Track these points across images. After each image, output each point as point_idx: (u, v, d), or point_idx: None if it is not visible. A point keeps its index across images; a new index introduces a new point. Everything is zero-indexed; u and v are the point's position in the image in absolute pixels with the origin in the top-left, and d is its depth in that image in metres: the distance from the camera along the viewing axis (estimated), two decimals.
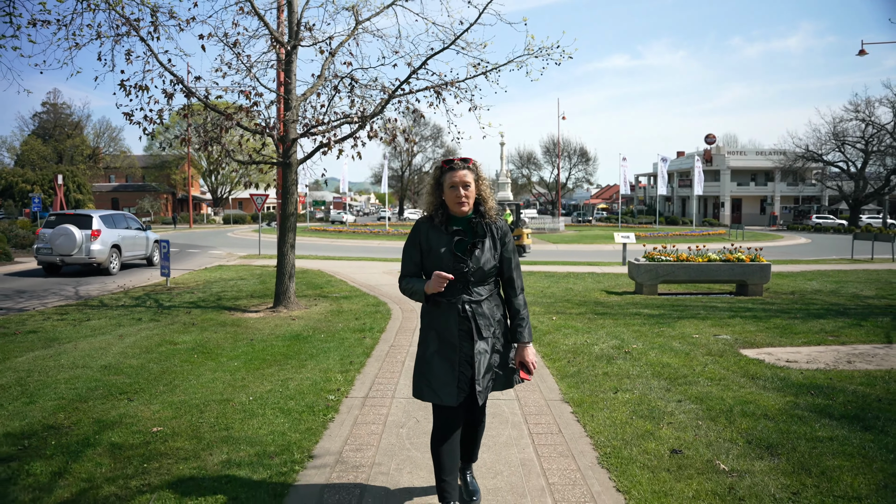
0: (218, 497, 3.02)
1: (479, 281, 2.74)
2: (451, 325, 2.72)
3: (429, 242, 2.76)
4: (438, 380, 2.71)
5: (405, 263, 2.85)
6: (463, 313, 2.71)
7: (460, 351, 2.71)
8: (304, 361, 5.82)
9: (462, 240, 2.73)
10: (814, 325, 7.98)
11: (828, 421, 4.20)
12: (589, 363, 5.86)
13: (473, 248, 2.72)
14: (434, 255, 2.72)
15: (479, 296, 2.74)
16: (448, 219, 2.78)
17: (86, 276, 14.33)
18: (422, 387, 2.76)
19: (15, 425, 4.01)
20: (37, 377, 5.19)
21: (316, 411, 4.35)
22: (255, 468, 3.37)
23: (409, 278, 2.83)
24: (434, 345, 2.76)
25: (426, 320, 2.83)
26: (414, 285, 2.78)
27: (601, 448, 3.75)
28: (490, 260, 2.74)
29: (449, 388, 2.69)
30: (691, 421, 4.22)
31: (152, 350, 6.27)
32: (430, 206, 2.82)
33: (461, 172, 2.72)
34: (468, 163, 2.77)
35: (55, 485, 3.14)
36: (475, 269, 2.70)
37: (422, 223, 2.84)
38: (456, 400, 2.68)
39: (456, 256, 2.69)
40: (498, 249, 2.79)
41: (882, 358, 6.25)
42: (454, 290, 2.70)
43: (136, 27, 8.47)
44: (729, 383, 5.17)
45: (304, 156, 9.46)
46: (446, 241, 2.73)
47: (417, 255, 2.80)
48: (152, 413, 4.26)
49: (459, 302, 2.71)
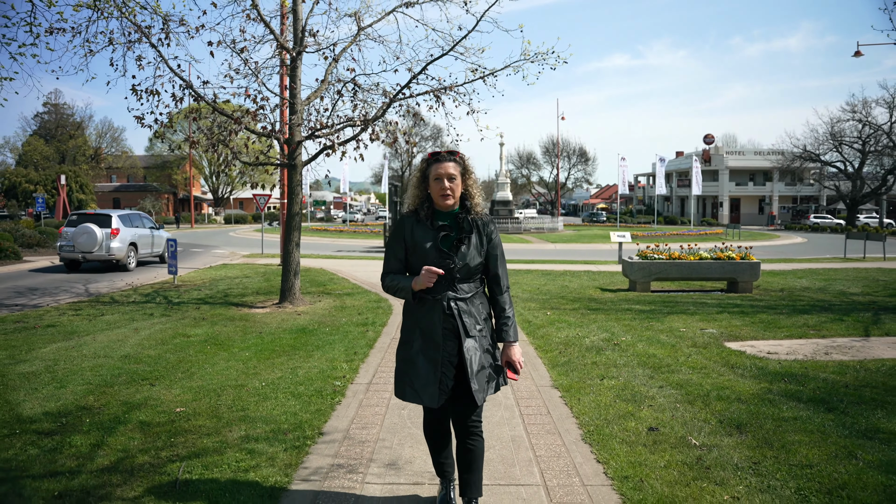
0: (241, 464, 3.39)
1: (464, 278, 2.67)
2: (435, 323, 2.65)
3: (413, 238, 2.68)
4: (421, 380, 2.65)
5: (388, 260, 2.78)
6: (448, 311, 2.64)
7: (443, 350, 2.64)
8: (311, 352, 6.19)
9: (448, 235, 2.66)
10: (798, 319, 8.34)
11: (795, 404, 4.57)
12: (579, 354, 6.22)
13: (459, 243, 2.65)
14: (419, 251, 2.65)
15: (464, 293, 2.68)
16: (433, 213, 2.71)
17: (101, 272, 14.73)
18: (404, 387, 2.71)
19: (51, 406, 4.39)
20: (63, 365, 5.56)
21: (324, 395, 4.72)
22: (272, 442, 3.74)
23: (392, 275, 2.75)
24: (418, 343, 2.69)
25: (410, 319, 2.77)
26: (399, 282, 2.70)
27: (585, 427, 4.12)
28: (476, 256, 2.68)
29: (431, 388, 2.63)
30: (670, 404, 4.58)
31: (167, 342, 6.64)
32: (415, 199, 2.76)
33: (446, 164, 2.65)
34: (455, 156, 2.70)
35: (95, 454, 3.51)
36: (461, 265, 2.64)
37: (406, 218, 2.76)
38: (437, 402, 2.63)
39: (441, 252, 2.63)
40: (484, 246, 2.72)
41: (858, 350, 6.61)
42: (439, 287, 2.64)
43: (146, 34, 8.83)
44: (709, 372, 5.53)
45: (308, 157, 9.82)
46: (432, 236, 2.65)
47: (402, 250, 2.73)
48: (174, 396, 4.63)
49: (444, 299, 2.65)
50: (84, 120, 56.73)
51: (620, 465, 3.47)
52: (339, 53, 9.91)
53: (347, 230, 37.37)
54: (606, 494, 3.13)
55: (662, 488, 3.15)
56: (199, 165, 59.48)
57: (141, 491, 3.07)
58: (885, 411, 4.37)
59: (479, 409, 2.74)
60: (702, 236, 33.96)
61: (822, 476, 3.29)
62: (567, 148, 69.47)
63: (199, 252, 22.33)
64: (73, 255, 14.77)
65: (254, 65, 9.19)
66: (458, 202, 2.73)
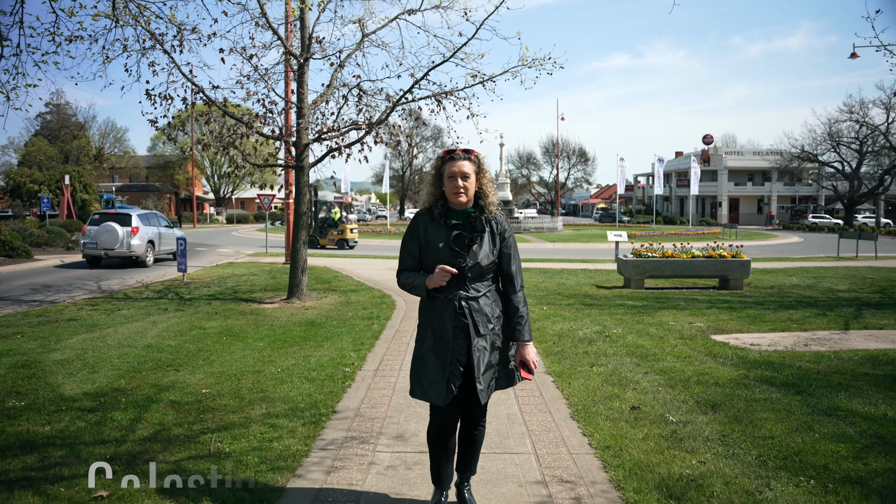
0: (265, 435, 3.82)
1: (476, 277, 2.68)
2: (446, 321, 2.66)
3: (427, 235, 2.71)
4: (429, 377, 2.67)
5: (403, 257, 2.80)
6: (459, 310, 2.66)
7: (452, 349, 2.65)
8: (321, 343, 6.61)
9: (460, 234, 2.68)
10: (783, 314, 8.75)
11: (768, 388, 4.98)
12: (572, 344, 6.64)
13: (472, 242, 2.67)
14: (432, 249, 2.68)
15: (476, 292, 2.69)
16: (447, 212, 2.73)
17: (120, 268, 15.17)
18: (415, 384, 2.75)
19: (88, 387, 4.81)
20: (91, 354, 5.98)
21: (335, 379, 5.14)
22: (291, 418, 4.16)
23: (408, 272, 2.76)
24: (430, 341, 2.71)
25: (424, 316, 2.79)
26: (414, 279, 2.71)
27: (574, 406, 4.53)
28: (488, 255, 2.69)
29: (438, 386, 2.64)
30: (653, 387, 5.00)
31: (185, 333, 7.06)
32: (429, 196, 2.78)
33: (461, 163, 2.67)
34: (470, 154, 2.72)
35: (135, 427, 3.93)
36: (472, 264, 2.65)
37: (421, 215, 2.79)
38: (444, 400, 2.63)
39: (453, 251, 2.64)
40: (497, 245, 2.73)
41: (835, 342, 7.01)
42: (451, 286, 2.65)
43: (160, 41, 9.25)
44: (692, 360, 5.95)
45: (315, 159, 10.24)
46: (445, 234, 2.68)
47: (416, 248, 2.74)
48: (198, 380, 5.06)
49: (456, 298, 2.66)
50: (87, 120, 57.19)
51: (603, 437, 3.88)
52: (345, 59, 10.32)
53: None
54: (589, 461, 3.55)
55: (639, 455, 3.57)
56: (201, 166, 59.94)
57: (180, 457, 3.49)
58: (848, 393, 4.78)
59: (483, 407, 2.79)
60: (699, 236, 34.36)
61: (781, 445, 3.70)
62: (567, 148, 69.99)
63: (204, 251, 22.76)
64: (96, 251, 15.84)
65: (263, 71, 9.60)
66: (472, 201, 2.74)
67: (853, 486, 3.18)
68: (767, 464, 3.45)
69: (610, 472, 3.37)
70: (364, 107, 10.02)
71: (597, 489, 3.18)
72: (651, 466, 3.41)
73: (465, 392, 2.72)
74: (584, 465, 3.47)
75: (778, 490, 3.13)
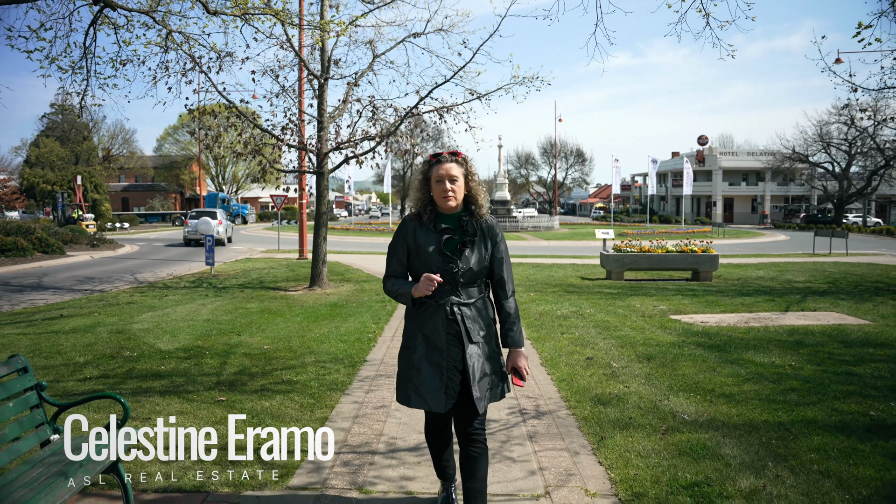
0: (319, 372, 5.32)
1: (468, 282, 2.64)
2: (438, 328, 2.62)
3: (416, 241, 2.66)
4: (426, 386, 2.62)
5: (390, 263, 2.75)
6: (451, 316, 2.62)
7: (448, 356, 2.61)
8: (346, 318, 8.11)
9: (451, 238, 2.64)
10: (737, 300, 10.20)
11: (696, 348, 6.46)
12: (550, 320, 8.13)
13: (463, 247, 2.63)
14: (422, 254, 2.64)
15: (468, 297, 2.65)
16: (436, 216, 2.68)
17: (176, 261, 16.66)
18: (409, 392, 2.67)
19: (177, 345, 6.33)
20: (164, 325, 7.48)
21: (362, 341, 6.65)
22: (335, 363, 5.66)
23: (394, 279, 2.73)
24: (422, 349, 2.65)
25: (412, 323, 2.72)
26: (400, 287, 2.67)
27: (544, 357, 6.02)
28: (480, 260, 2.65)
29: (437, 394, 2.60)
30: (607, 347, 6.48)
31: (232, 311, 8.56)
32: (417, 202, 2.73)
33: (447, 165, 2.63)
34: (457, 156, 2.68)
35: (223, 369, 5.43)
36: (464, 269, 2.61)
37: (409, 221, 2.74)
38: (444, 407, 2.61)
39: (444, 256, 2.61)
40: (489, 249, 2.69)
41: (771, 320, 8.46)
42: (442, 292, 2.61)
43: (199, 63, 10.75)
44: (645, 331, 7.42)
45: (333, 166, 11.73)
46: (434, 239, 2.64)
47: (404, 253, 2.71)
48: (257, 341, 6.56)
49: (447, 304, 2.62)
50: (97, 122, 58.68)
51: (562, 374, 5.37)
52: (358, 77, 11.80)
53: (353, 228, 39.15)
54: (549, 387, 5.04)
55: (584, 383, 5.07)
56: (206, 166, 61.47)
57: (263, 383, 4.99)
58: (755, 351, 6.26)
59: (481, 416, 2.69)
60: (689, 234, 35.83)
61: (687, 379, 5.19)
62: (564, 148, 71.52)
63: (219, 248, 24.23)
64: (196, 236, 24.50)
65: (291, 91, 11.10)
66: (461, 204, 2.70)
67: (726, 398, 4.66)
68: (673, 388, 4.94)
69: (562, 392, 4.86)
70: (376, 120, 11.50)
71: (551, 402, 4.67)
72: (591, 388, 4.91)
73: (461, 401, 2.67)
74: (545, 390, 4.96)
75: (673, 400, 4.62)
